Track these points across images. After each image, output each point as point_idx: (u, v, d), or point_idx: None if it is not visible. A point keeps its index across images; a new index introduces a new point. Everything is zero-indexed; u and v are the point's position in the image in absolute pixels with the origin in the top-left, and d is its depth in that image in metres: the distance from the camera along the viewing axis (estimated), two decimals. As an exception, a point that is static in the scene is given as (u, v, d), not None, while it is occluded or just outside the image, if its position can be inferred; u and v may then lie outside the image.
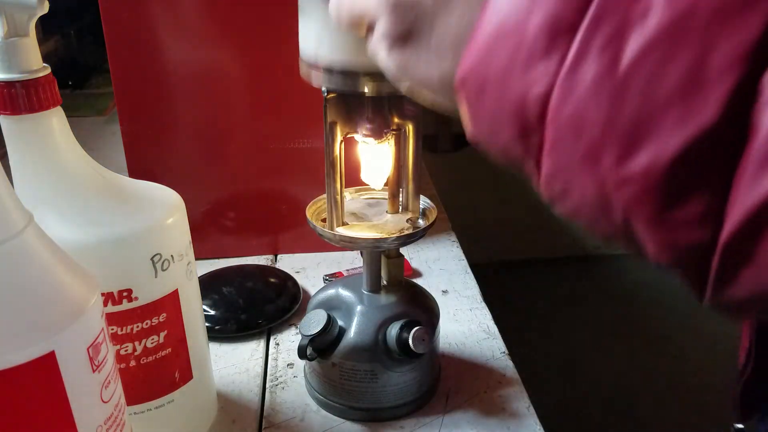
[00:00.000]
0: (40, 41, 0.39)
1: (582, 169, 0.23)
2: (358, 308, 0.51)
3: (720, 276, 0.21)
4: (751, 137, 0.20)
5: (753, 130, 0.20)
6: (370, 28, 0.32)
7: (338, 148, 0.46)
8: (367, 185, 0.51)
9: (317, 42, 0.40)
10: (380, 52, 0.31)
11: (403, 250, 0.54)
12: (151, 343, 0.44)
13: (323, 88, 0.43)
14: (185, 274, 0.45)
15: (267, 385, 0.57)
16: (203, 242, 0.70)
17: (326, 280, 0.72)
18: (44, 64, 0.38)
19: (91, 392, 0.32)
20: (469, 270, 0.74)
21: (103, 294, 0.39)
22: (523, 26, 0.23)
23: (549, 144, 0.24)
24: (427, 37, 0.29)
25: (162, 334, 0.44)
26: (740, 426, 0.42)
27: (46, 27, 1.28)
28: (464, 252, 0.78)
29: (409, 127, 0.48)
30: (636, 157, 0.21)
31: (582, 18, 0.22)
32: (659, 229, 0.22)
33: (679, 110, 0.20)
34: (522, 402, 0.55)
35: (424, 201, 0.52)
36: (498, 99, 0.25)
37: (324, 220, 0.51)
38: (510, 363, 0.59)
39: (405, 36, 0.30)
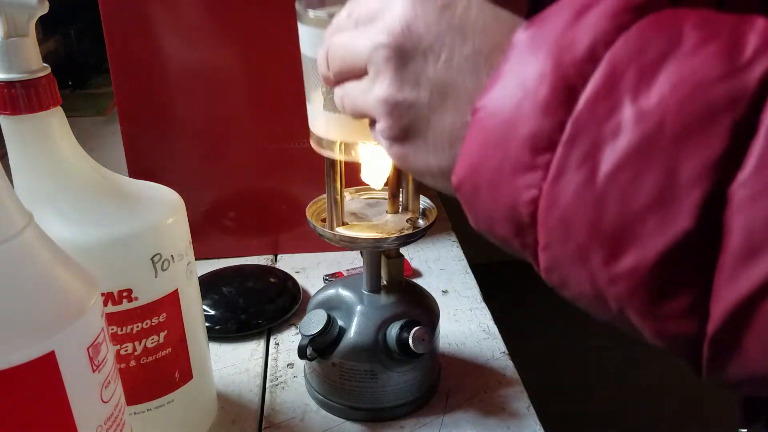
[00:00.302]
0: (40, 41, 0.39)
1: (574, 266, 0.25)
2: (358, 308, 0.51)
3: (712, 362, 0.23)
4: (725, 241, 0.21)
5: (726, 235, 0.21)
6: (372, 122, 0.34)
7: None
8: (367, 185, 0.51)
9: (325, 126, 0.43)
10: (382, 144, 0.34)
11: (403, 250, 0.54)
12: (151, 343, 0.44)
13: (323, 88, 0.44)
14: (185, 274, 0.45)
15: (267, 385, 0.57)
16: (203, 242, 0.70)
17: (326, 280, 0.72)
18: (44, 64, 0.38)
19: (91, 392, 0.32)
20: (469, 270, 0.74)
21: (103, 294, 0.39)
22: (507, 141, 0.26)
23: (542, 243, 0.26)
24: (423, 135, 0.31)
25: (162, 334, 0.44)
26: (744, 431, 0.42)
27: (46, 27, 1.28)
28: (464, 252, 0.78)
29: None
30: (622, 259, 0.23)
31: (560, 135, 0.24)
32: (650, 321, 0.24)
33: (657, 218, 0.22)
34: (522, 402, 0.55)
35: (424, 201, 0.52)
36: (492, 202, 0.27)
37: (324, 220, 0.51)
38: (510, 363, 0.59)
39: (403, 135, 0.32)
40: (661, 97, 0.23)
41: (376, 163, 0.49)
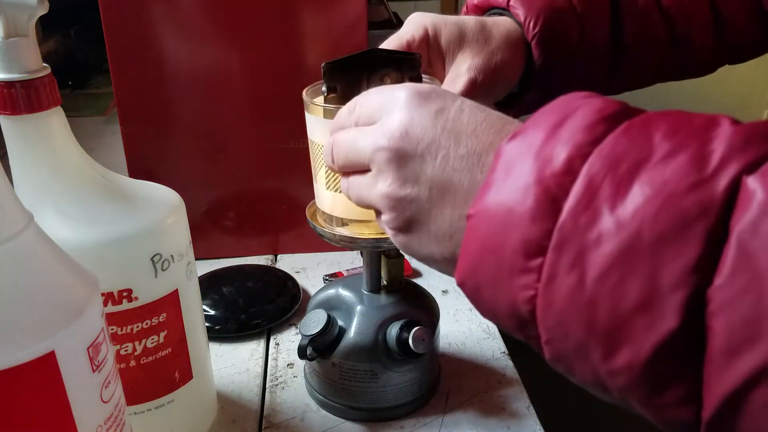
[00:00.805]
0: (40, 41, 0.39)
1: (577, 360, 0.27)
2: (358, 308, 0.51)
3: None
4: (709, 338, 0.23)
5: (710, 333, 0.23)
6: (377, 212, 0.37)
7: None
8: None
9: (331, 205, 0.46)
10: (387, 233, 0.36)
11: (403, 250, 0.54)
12: (151, 343, 0.44)
13: (323, 87, 0.44)
14: (185, 274, 0.45)
15: (267, 385, 0.57)
16: (203, 242, 0.70)
17: (326, 280, 0.72)
18: (44, 64, 0.38)
19: (91, 392, 0.32)
20: (469, 270, 0.74)
21: (103, 294, 0.39)
22: (502, 246, 0.28)
23: (544, 338, 0.28)
24: (425, 226, 0.33)
25: (162, 334, 0.44)
26: None
27: (46, 27, 1.28)
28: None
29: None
30: (618, 356, 0.25)
31: (548, 242, 0.26)
32: (650, 408, 0.26)
33: (644, 319, 0.24)
34: (522, 402, 0.55)
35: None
36: (493, 300, 0.29)
37: (324, 220, 0.51)
38: (510, 363, 0.59)
39: (406, 226, 0.34)
40: (637, 208, 0.24)
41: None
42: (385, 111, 0.35)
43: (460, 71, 0.52)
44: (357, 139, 0.36)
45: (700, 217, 0.23)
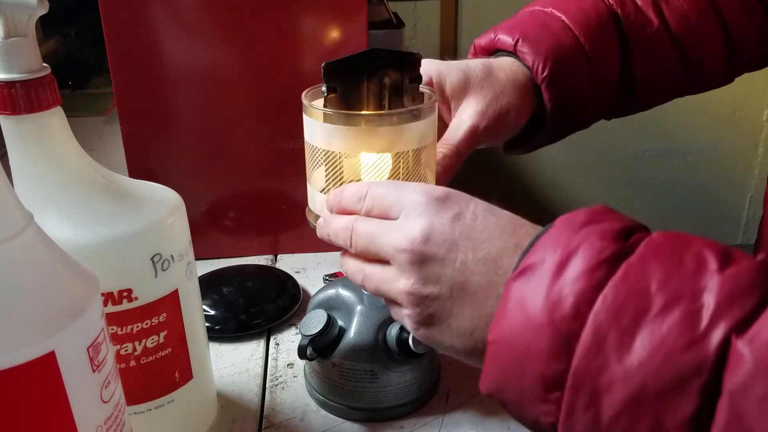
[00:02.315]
0: (40, 41, 0.39)
1: None
2: (358, 308, 0.51)
3: None
4: None
5: None
6: (392, 302, 0.39)
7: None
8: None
9: (322, 207, 0.46)
10: (407, 326, 0.38)
11: (403, 250, 0.54)
12: (151, 343, 0.44)
13: (323, 87, 0.44)
14: (185, 274, 0.45)
15: (267, 385, 0.57)
16: (203, 242, 0.70)
17: (326, 280, 0.72)
18: (44, 64, 0.38)
19: (91, 392, 0.32)
20: (469, 270, 0.74)
21: (103, 294, 0.39)
22: (522, 376, 0.31)
23: None
24: (447, 322, 0.36)
25: (162, 334, 0.44)
26: None
27: (46, 27, 1.28)
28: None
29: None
30: None
31: (565, 380, 0.30)
32: None
33: None
34: (522, 402, 0.55)
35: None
36: (518, 414, 0.33)
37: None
38: (510, 363, 0.59)
39: (428, 321, 0.36)
40: (641, 361, 0.28)
41: (376, 164, 0.49)
42: (404, 213, 0.37)
43: (463, 118, 0.52)
44: (378, 236, 0.38)
45: (695, 375, 0.27)
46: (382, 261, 0.38)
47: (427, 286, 0.36)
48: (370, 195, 0.40)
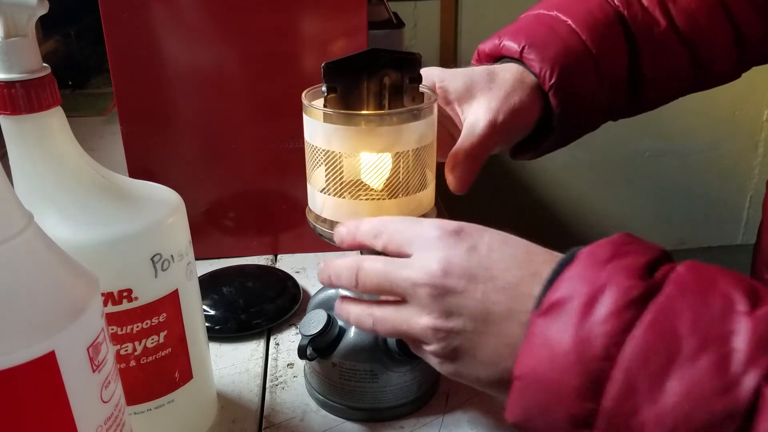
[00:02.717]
0: (40, 41, 0.39)
1: None
2: (358, 308, 0.51)
3: None
4: None
5: None
6: (415, 341, 0.38)
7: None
8: (367, 185, 0.51)
9: (322, 207, 0.47)
10: (430, 362, 0.38)
11: (403, 250, 0.54)
12: (151, 343, 0.44)
13: (323, 87, 0.44)
14: (185, 274, 0.45)
15: (267, 385, 0.57)
16: (203, 242, 0.70)
17: (326, 280, 0.72)
18: (44, 64, 0.38)
19: (91, 392, 0.32)
20: (469, 270, 0.74)
21: (103, 294, 0.39)
22: (551, 413, 0.31)
23: None
24: (471, 354, 0.36)
25: (162, 334, 0.44)
26: None
27: (46, 27, 1.28)
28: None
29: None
30: None
31: (595, 420, 0.30)
32: None
33: None
34: (522, 402, 0.54)
35: (424, 201, 0.52)
36: None
37: (324, 221, 0.51)
38: (510, 363, 0.59)
39: (453, 355, 0.37)
40: (673, 405, 0.28)
41: (376, 164, 0.49)
42: (418, 249, 0.38)
43: (478, 116, 0.51)
44: (391, 272, 0.38)
45: (727, 421, 0.27)
46: (395, 300, 0.38)
47: (450, 320, 0.36)
48: (386, 233, 0.40)
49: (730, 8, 0.57)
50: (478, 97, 0.52)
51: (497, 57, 0.57)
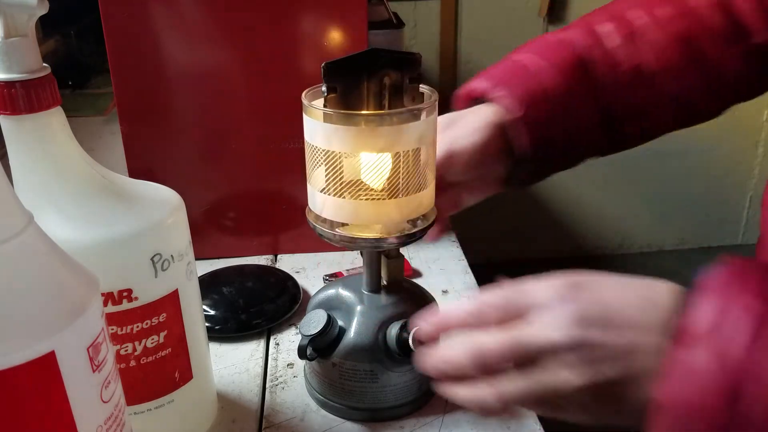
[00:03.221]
0: (40, 41, 0.39)
1: None
2: (358, 308, 0.51)
3: None
4: None
5: None
6: (563, 400, 0.37)
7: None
8: (367, 185, 0.51)
9: (322, 207, 0.47)
10: (582, 420, 0.37)
11: (403, 250, 0.54)
12: (151, 343, 0.44)
13: (323, 87, 0.44)
14: (185, 274, 0.45)
15: (267, 385, 0.57)
16: (203, 242, 0.70)
17: (326, 280, 0.72)
18: (44, 64, 0.38)
19: (91, 392, 0.32)
20: (469, 270, 0.74)
21: (103, 294, 0.39)
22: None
23: None
24: (624, 400, 0.35)
25: (162, 334, 0.44)
26: None
27: (46, 27, 1.28)
28: (464, 252, 0.78)
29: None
30: None
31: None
32: None
33: None
34: (522, 402, 0.55)
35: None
36: None
37: (324, 220, 0.51)
38: (510, 363, 0.59)
39: (612, 410, 0.36)
40: None
41: (376, 164, 0.49)
42: (538, 310, 0.36)
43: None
44: (520, 338, 0.36)
45: None
46: (519, 368, 0.37)
47: (599, 373, 0.35)
48: (494, 305, 0.39)
49: (701, 48, 0.57)
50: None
51: (470, 99, 0.59)
